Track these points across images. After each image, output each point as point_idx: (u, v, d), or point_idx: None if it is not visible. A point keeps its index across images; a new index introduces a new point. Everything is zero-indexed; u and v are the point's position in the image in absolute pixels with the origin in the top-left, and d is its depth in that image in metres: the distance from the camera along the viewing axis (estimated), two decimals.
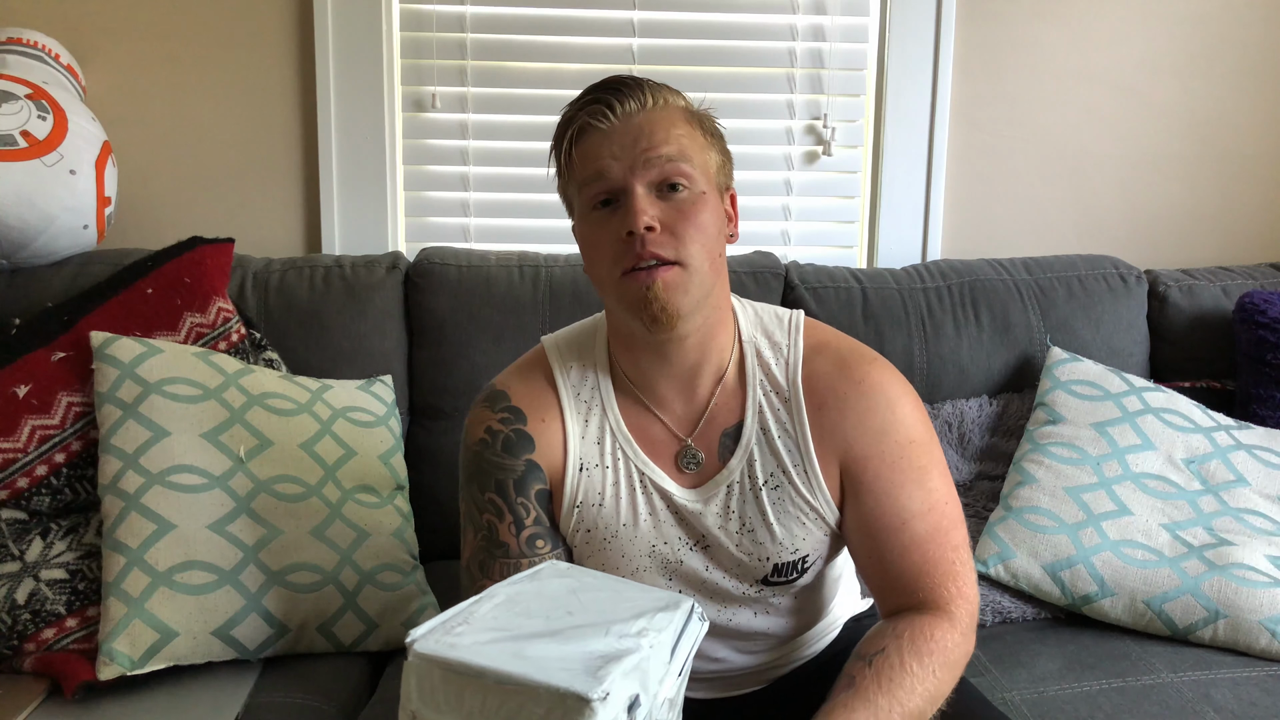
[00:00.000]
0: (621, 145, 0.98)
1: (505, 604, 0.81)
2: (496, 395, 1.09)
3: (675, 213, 0.98)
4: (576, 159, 1.00)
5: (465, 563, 1.08)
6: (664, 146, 0.98)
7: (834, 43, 1.95)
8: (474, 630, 0.76)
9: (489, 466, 1.06)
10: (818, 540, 1.08)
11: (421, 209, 1.96)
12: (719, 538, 1.07)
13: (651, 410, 1.08)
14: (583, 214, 1.02)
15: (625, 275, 0.97)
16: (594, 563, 1.09)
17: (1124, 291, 1.82)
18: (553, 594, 0.84)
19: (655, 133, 0.99)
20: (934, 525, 1.03)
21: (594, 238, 1.01)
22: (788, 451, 1.06)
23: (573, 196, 1.04)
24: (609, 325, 1.10)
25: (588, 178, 0.99)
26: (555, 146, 1.04)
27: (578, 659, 0.72)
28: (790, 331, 1.10)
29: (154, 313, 1.55)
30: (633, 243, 0.96)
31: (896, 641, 0.98)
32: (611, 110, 0.99)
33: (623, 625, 0.78)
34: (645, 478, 1.07)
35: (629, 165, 0.98)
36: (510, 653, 0.73)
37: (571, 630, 0.76)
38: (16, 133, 1.55)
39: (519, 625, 0.77)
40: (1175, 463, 1.57)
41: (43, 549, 1.38)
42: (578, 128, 1.00)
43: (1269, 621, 1.38)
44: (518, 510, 1.05)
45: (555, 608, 0.81)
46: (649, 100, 1.01)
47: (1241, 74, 2.02)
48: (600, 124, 0.99)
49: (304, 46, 1.88)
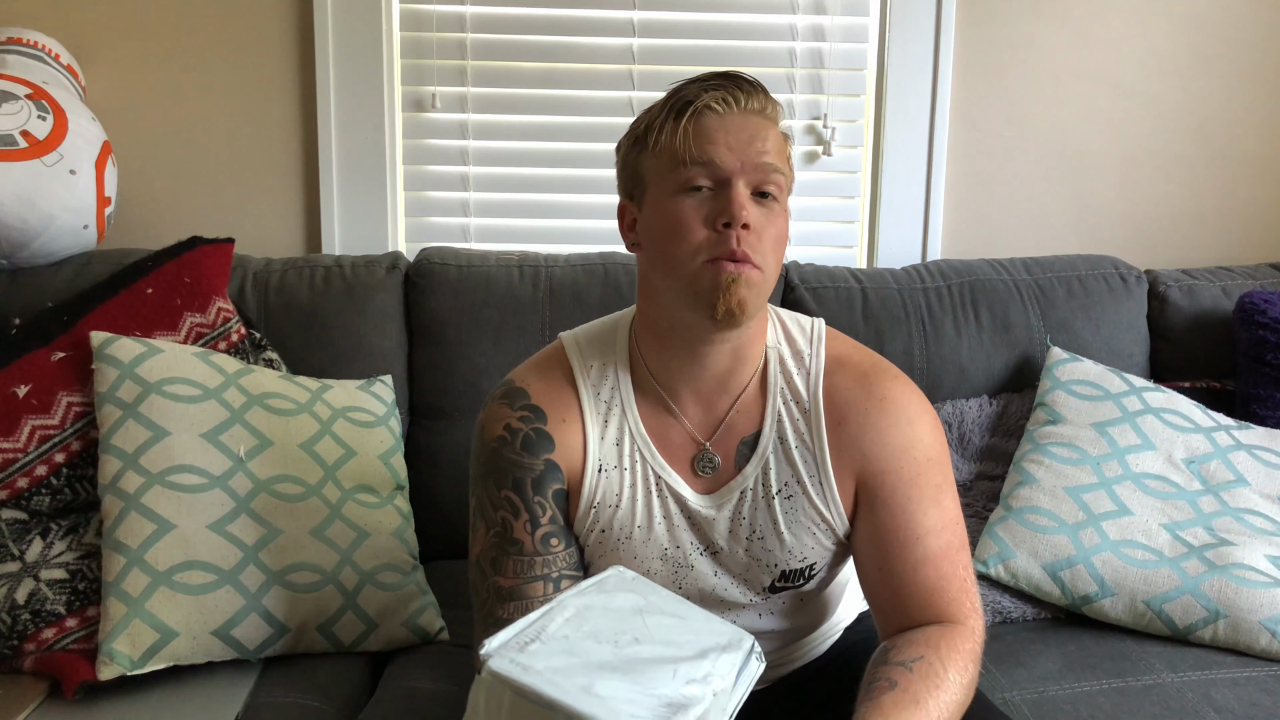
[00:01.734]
0: (738, 138, 0.98)
1: (575, 620, 0.80)
2: (516, 392, 1.08)
3: (765, 219, 0.99)
4: (691, 135, 0.98)
5: (475, 558, 1.08)
6: (773, 154, 0.99)
7: (834, 43, 1.95)
8: (547, 651, 0.76)
9: (507, 464, 1.05)
10: (826, 550, 1.08)
11: (421, 209, 1.96)
12: (729, 543, 1.07)
13: (671, 412, 1.07)
14: (668, 192, 0.99)
15: (710, 262, 0.97)
16: (605, 563, 1.09)
17: (1124, 291, 1.82)
18: (620, 611, 0.84)
19: (768, 138, 0.99)
20: (947, 543, 1.03)
21: (681, 218, 0.98)
22: (804, 462, 1.06)
23: (651, 171, 1.02)
24: (641, 321, 1.08)
25: (694, 158, 0.97)
26: (658, 117, 1.01)
27: (647, 705, 0.72)
28: (813, 342, 1.09)
29: (154, 313, 1.55)
30: (728, 235, 0.96)
31: (934, 651, 0.97)
32: (735, 100, 0.99)
33: (690, 666, 0.78)
34: (662, 481, 1.07)
35: (740, 160, 0.97)
36: (581, 687, 0.73)
37: (640, 665, 0.76)
38: (16, 133, 1.55)
39: (589, 651, 0.77)
40: (1175, 463, 1.57)
41: (43, 549, 1.38)
42: (699, 108, 0.98)
43: (1269, 621, 1.38)
44: (534, 509, 1.04)
45: (623, 631, 0.81)
46: (767, 105, 1.01)
47: (1241, 74, 2.02)
48: (720, 109, 0.98)
49: (304, 46, 1.88)
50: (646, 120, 1.03)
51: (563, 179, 1.96)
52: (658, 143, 1.01)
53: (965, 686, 0.97)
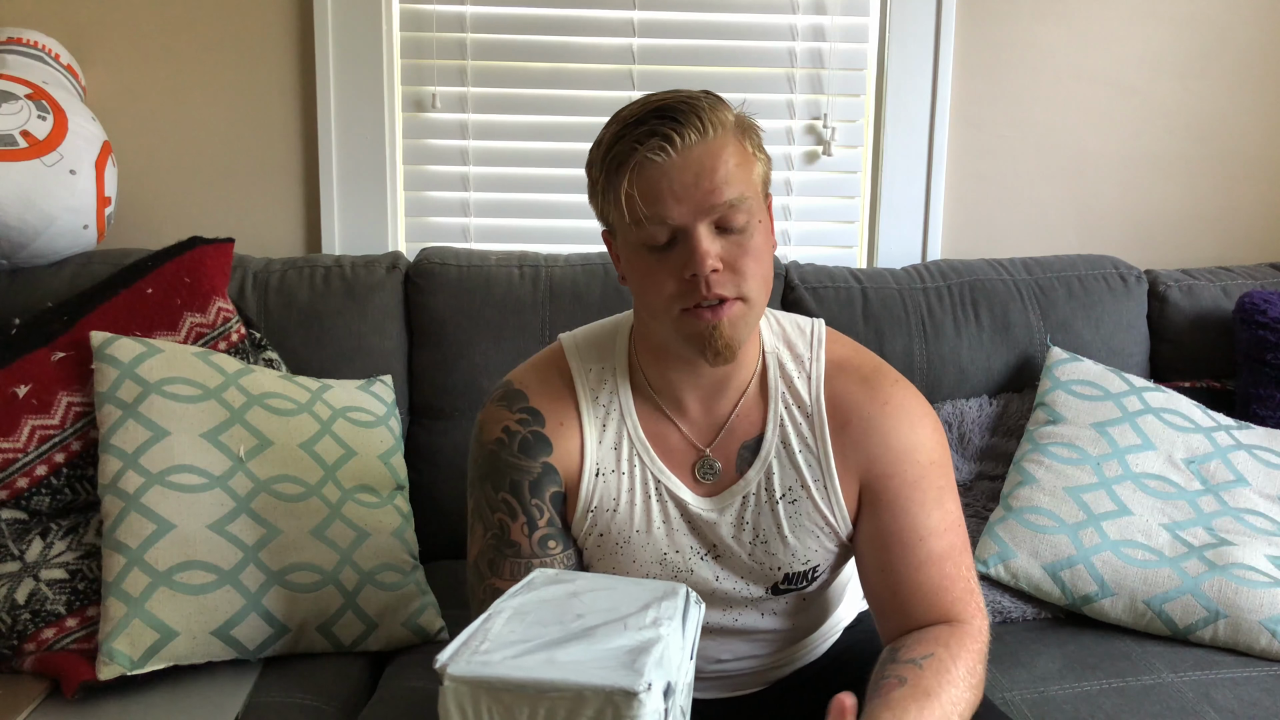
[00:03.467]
0: (683, 184, 0.93)
1: (515, 617, 0.81)
2: (514, 394, 1.08)
3: (736, 249, 0.96)
4: (637, 196, 0.94)
5: (473, 559, 1.08)
6: (725, 188, 0.94)
7: (834, 43, 1.95)
8: (499, 646, 0.76)
9: (504, 467, 1.05)
10: (829, 552, 1.08)
11: (421, 209, 1.96)
12: (731, 547, 1.07)
13: (670, 418, 1.07)
14: (635, 248, 0.97)
15: (685, 312, 0.95)
16: (604, 566, 1.09)
17: (1124, 291, 1.82)
18: (554, 600, 0.84)
19: (716, 169, 0.94)
20: (950, 544, 1.03)
21: (649, 273, 0.97)
22: (808, 466, 1.05)
23: (615, 220, 0.99)
24: (639, 332, 1.08)
25: (647, 218, 0.94)
26: (601, 170, 0.98)
27: (610, 656, 0.74)
28: (813, 344, 1.09)
29: (154, 313, 1.55)
30: (696, 284, 0.94)
31: (945, 648, 0.97)
32: (671, 144, 0.93)
33: (636, 618, 0.79)
34: (661, 485, 1.06)
35: (691, 208, 0.93)
36: (544, 661, 0.73)
37: (590, 631, 0.77)
38: (16, 133, 1.55)
39: (539, 634, 0.78)
40: (1175, 463, 1.57)
41: (43, 549, 1.38)
42: (637, 164, 0.94)
43: (1269, 621, 1.38)
44: (531, 511, 1.04)
45: (564, 613, 0.81)
46: (706, 128, 0.94)
47: (1241, 74, 2.02)
48: (658, 158, 0.93)
49: (304, 46, 1.88)
50: (594, 169, 0.99)
51: (563, 179, 1.96)
52: (608, 201, 0.98)
53: (975, 686, 0.96)
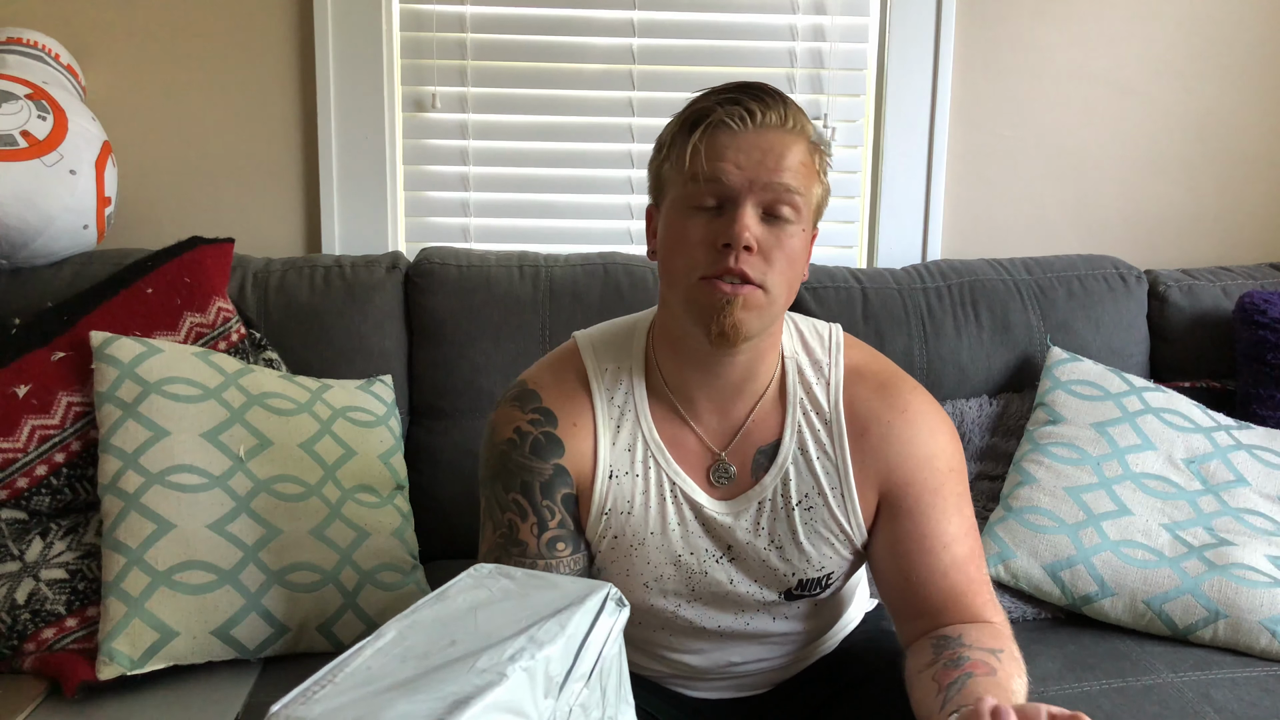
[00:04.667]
0: (749, 156, 0.95)
1: (389, 645, 0.77)
2: (528, 394, 1.07)
3: (774, 239, 0.96)
4: (701, 152, 0.95)
5: (482, 557, 1.07)
6: (786, 174, 0.95)
7: (834, 43, 1.95)
8: (336, 691, 0.72)
9: (515, 467, 1.04)
10: (844, 560, 1.08)
11: (421, 209, 1.96)
12: (746, 550, 1.06)
13: (686, 420, 1.06)
14: (679, 205, 0.98)
15: (704, 280, 0.95)
16: (618, 568, 1.08)
17: (1124, 291, 1.82)
18: (449, 618, 0.80)
19: (784, 155, 0.95)
20: (970, 549, 1.04)
21: (685, 233, 0.97)
22: (826, 474, 1.05)
23: (670, 181, 1.00)
24: (660, 324, 1.07)
25: (703, 175, 0.95)
26: (676, 129, 0.99)
27: (421, 714, 0.69)
28: (831, 350, 1.09)
29: (154, 313, 1.55)
30: (727, 254, 0.94)
31: (1008, 646, 0.96)
32: (750, 115, 0.95)
33: (497, 650, 0.75)
34: (676, 487, 1.06)
35: (749, 178, 0.94)
36: (355, 718, 0.69)
37: (439, 670, 0.73)
38: (16, 133, 1.55)
39: (388, 674, 0.74)
40: (1175, 463, 1.57)
41: (43, 549, 1.38)
42: (713, 122, 0.95)
43: (1269, 621, 1.38)
44: (542, 513, 1.04)
45: (441, 638, 0.77)
46: (788, 119, 0.97)
47: (1241, 74, 2.02)
48: (734, 125, 0.95)
49: (304, 46, 1.88)
50: (669, 128, 1.01)
51: (563, 179, 1.96)
52: (671, 154, 0.99)
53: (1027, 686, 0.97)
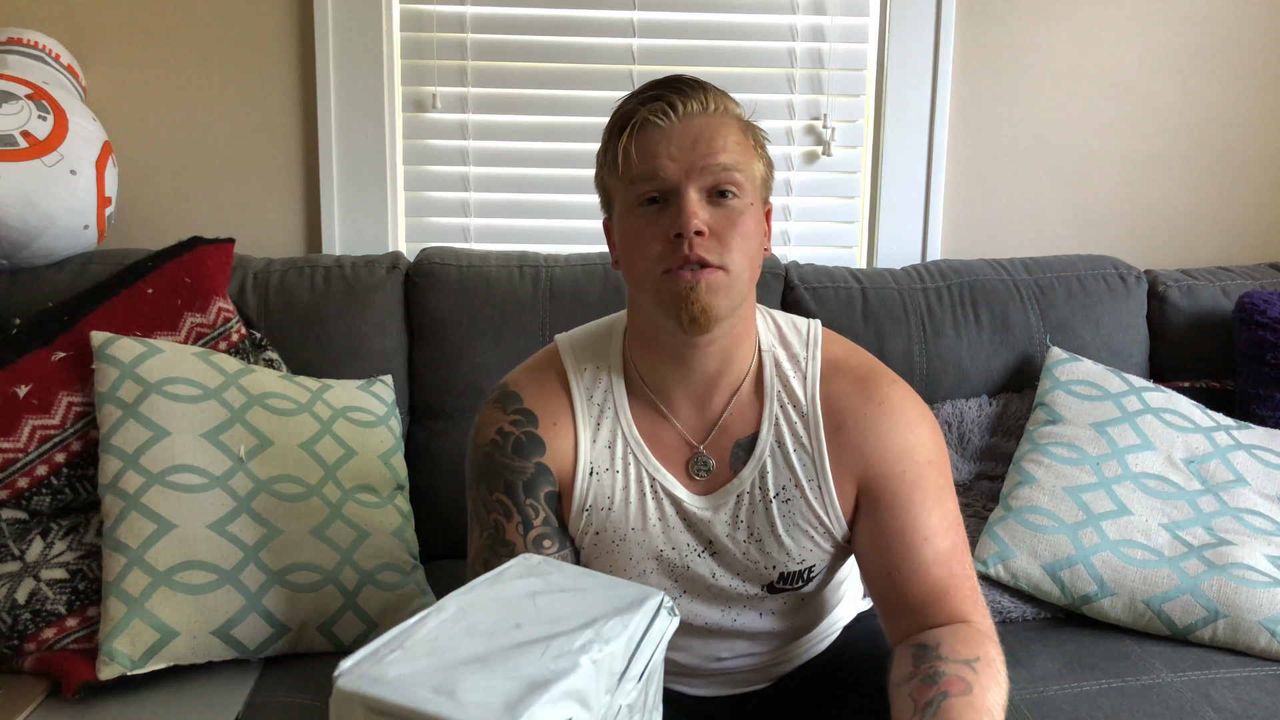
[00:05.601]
0: (679, 146, 0.97)
1: (452, 619, 0.78)
2: (509, 396, 1.09)
3: (724, 219, 0.98)
4: (633, 153, 0.98)
5: (471, 560, 1.08)
6: (721, 154, 0.98)
7: (834, 43, 1.95)
8: (407, 657, 0.73)
9: (498, 468, 1.06)
10: (824, 553, 1.08)
11: (421, 209, 1.96)
12: (726, 544, 1.07)
13: (665, 415, 1.07)
14: (627, 208, 1.01)
15: (667, 274, 0.97)
16: (601, 564, 1.09)
17: (1124, 291, 1.82)
18: (509, 600, 0.81)
19: (714, 138, 0.98)
20: (953, 544, 1.03)
21: (638, 234, 0.99)
22: (803, 466, 1.05)
23: (615, 189, 1.03)
24: (631, 326, 1.09)
25: (641, 174, 0.98)
26: (608, 137, 1.02)
27: (500, 693, 0.69)
28: (809, 345, 1.09)
29: (154, 313, 1.55)
30: (680, 244, 0.96)
31: (985, 651, 0.96)
32: (673, 109, 0.98)
33: (566, 639, 0.75)
34: (656, 483, 1.07)
35: (685, 167, 0.97)
36: (433, 686, 0.69)
37: (510, 650, 0.74)
38: (16, 133, 1.55)
39: (457, 648, 0.74)
40: (1175, 463, 1.57)
41: (43, 549, 1.38)
42: (638, 122, 0.98)
43: (1268, 621, 1.38)
44: (526, 511, 1.05)
45: (505, 619, 0.78)
46: (710, 104, 1.00)
47: (1241, 74, 2.02)
48: (660, 121, 0.98)
49: (304, 46, 1.88)
50: (603, 138, 1.04)
51: (563, 179, 1.96)
52: (610, 162, 1.02)
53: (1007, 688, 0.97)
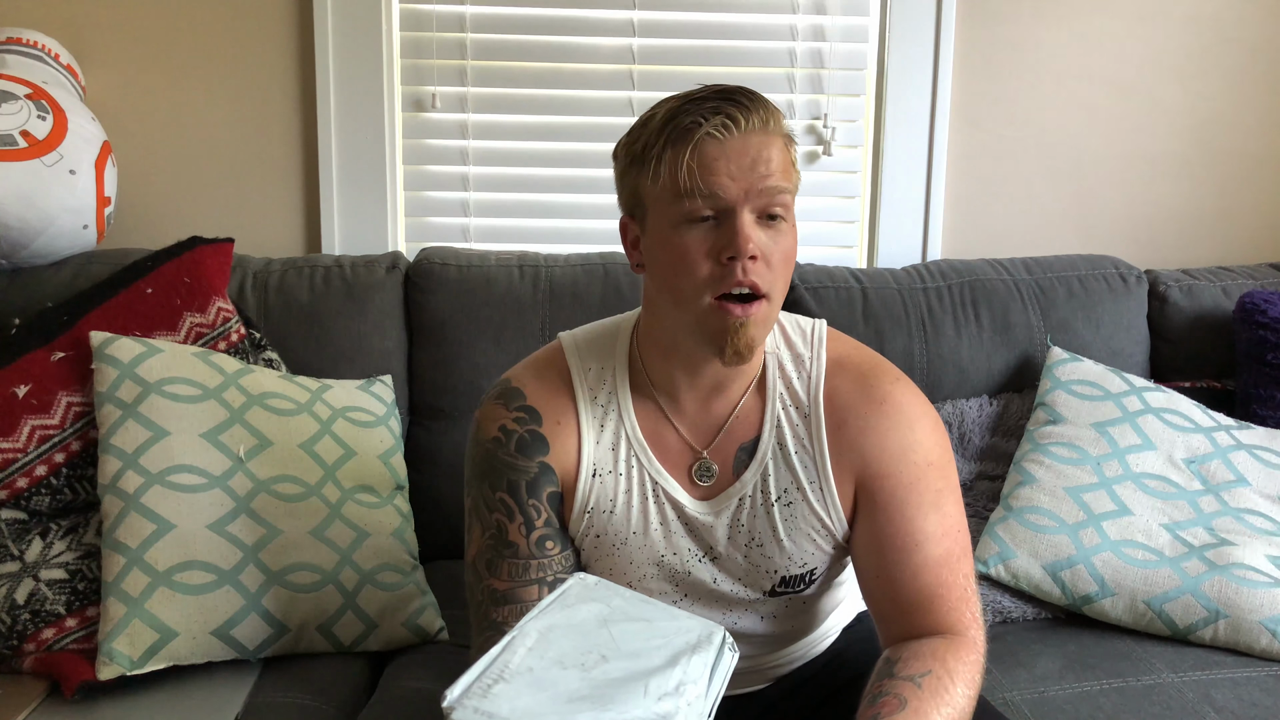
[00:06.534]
0: (739, 165, 0.94)
1: (539, 647, 0.78)
2: (512, 392, 1.07)
3: (772, 244, 0.96)
4: (693, 169, 0.94)
5: (470, 559, 1.07)
6: (775, 175, 0.95)
7: (834, 43, 1.95)
8: (512, 690, 0.73)
9: (501, 466, 1.04)
10: (825, 555, 1.08)
11: (421, 209, 1.96)
12: (728, 550, 1.06)
13: (669, 418, 1.06)
14: (672, 222, 0.96)
15: (718, 301, 0.95)
16: (601, 567, 1.08)
17: (1124, 291, 1.82)
18: (584, 626, 0.81)
19: (771, 158, 0.95)
20: (948, 550, 1.02)
21: (685, 250, 0.95)
22: (804, 468, 1.05)
23: (652, 197, 0.98)
24: (646, 328, 1.07)
25: (698, 190, 0.94)
26: (652, 142, 0.97)
27: None
28: (813, 344, 1.08)
29: (154, 313, 1.55)
30: (733, 267, 0.94)
31: (941, 664, 0.96)
32: (735, 122, 0.94)
33: (661, 679, 0.76)
34: (658, 487, 1.06)
35: (744, 188, 0.94)
36: None
37: (611, 687, 0.74)
38: (16, 133, 1.55)
39: (557, 680, 0.74)
40: (1175, 463, 1.57)
41: (42, 549, 1.38)
42: (701, 136, 0.94)
43: (1269, 621, 1.38)
44: (529, 512, 1.04)
45: (589, 650, 0.78)
46: (769, 121, 0.97)
47: (1241, 74, 2.02)
48: (719, 135, 0.94)
49: (304, 46, 1.88)
50: (644, 140, 0.98)
51: (563, 179, 1.95)
52: (657, 171, 0.97)
53: (971, 699, 0.97)
